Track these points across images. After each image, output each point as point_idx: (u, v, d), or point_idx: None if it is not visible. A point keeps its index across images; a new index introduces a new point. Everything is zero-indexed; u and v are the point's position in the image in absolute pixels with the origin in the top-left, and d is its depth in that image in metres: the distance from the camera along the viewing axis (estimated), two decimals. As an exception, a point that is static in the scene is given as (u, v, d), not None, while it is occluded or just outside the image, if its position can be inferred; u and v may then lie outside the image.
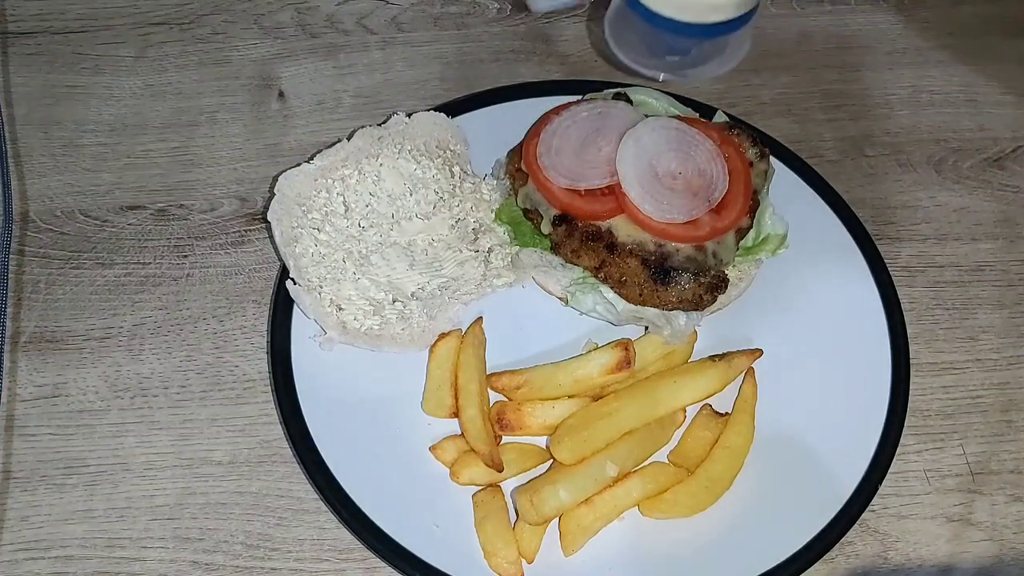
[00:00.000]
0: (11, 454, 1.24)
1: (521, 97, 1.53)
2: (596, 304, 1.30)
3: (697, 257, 1.26)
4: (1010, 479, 1.28)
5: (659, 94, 1.45)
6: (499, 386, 1.26)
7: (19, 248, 1.41)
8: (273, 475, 1.24)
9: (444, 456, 1.22)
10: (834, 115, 1.61)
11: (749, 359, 1.28)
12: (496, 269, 1.36)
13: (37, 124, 1.54)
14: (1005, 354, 1.38)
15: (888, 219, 1.51)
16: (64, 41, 1.64)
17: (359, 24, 1.70)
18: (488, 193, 1.40)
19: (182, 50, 1.65)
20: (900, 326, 1.34)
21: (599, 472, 1.17)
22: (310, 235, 1.30)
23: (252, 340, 1.35)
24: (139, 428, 1.27)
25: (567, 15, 1.72)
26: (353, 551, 1.20)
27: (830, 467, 1.24)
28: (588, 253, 1.29)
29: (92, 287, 1.38)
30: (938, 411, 1.33)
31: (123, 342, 1.34)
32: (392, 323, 1.29)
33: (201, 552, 1.19)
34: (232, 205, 1.47)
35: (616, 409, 1.20)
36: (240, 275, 1.41)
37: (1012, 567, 1.21)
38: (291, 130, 1.56)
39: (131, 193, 1.48)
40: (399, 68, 1.64)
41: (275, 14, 1.70)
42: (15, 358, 1.32)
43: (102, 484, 1.23)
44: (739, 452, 1.22)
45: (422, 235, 1.34)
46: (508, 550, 1.14)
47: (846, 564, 1.21)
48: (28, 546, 1.18)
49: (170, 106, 1.58)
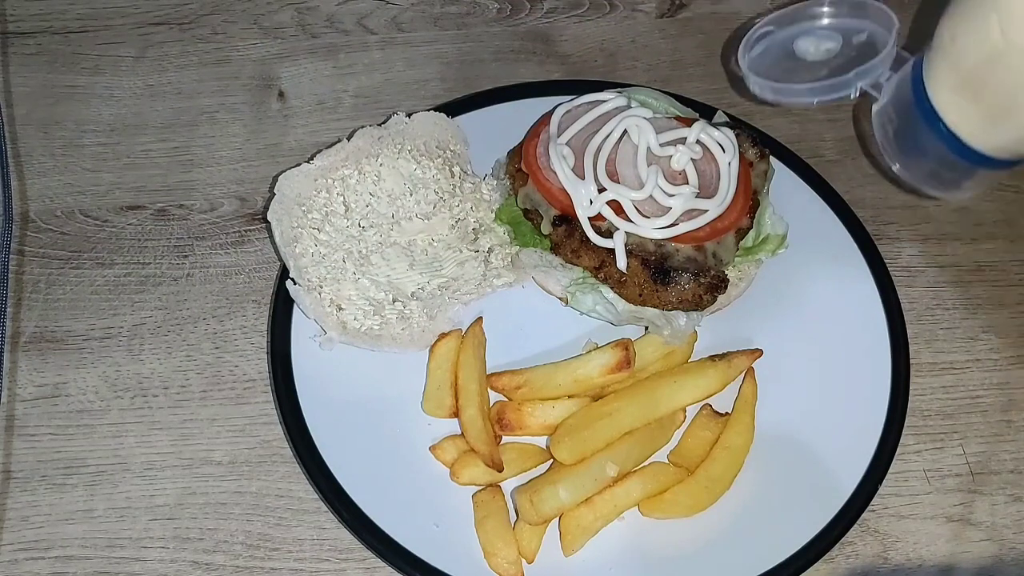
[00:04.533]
0: (11, 454, 1.24)
1: (521, 97, 1.53)
2: (596, 304, 1.30)
3: (697, 257, 1.26)
4: (1010, 479, 1.28)
5: (659, 94, 1.45)
6: (499, 386, 1.26)
7: (19, 248, 1.41)
8: (273, 475, 1.24)
9: (444, 456, 1.22)
10: (834, 115, 1.60)
11: (749, 359, 1.28)
12: (496, 269, 1.36)
13: (37, 124, 1.54)
14: (1005, 354, 1.38)
15: (888, 219, 1.51)
16: (64, 41, 1.64)
17: (359, 24, 1.70)
18: (488, 193, 1.40)
19: (182, 50, 1.65)
20: (900, 326, 1.34)
21: (599, 472, 1.17)
22: (310, 235, 1.30)
23: (252, 340, 1.35)
24: (139, 428, 1.27)
25: (567, 15, 1.73)
26: (353, 551, 1.20)
27: (830, 467, 1.24)
28: (588, 253, 1.29)
29: (92, 287, 1.38)
30: (938, 411, 1.33)
31: (123, 342, 1.34)
32: (392, 323, 1.29)
33: (201, 552, 1.19)
34: (232, 205, 1.47)
35: (616, 409, 1.20)
36: (240, 275, 1.41)
37: (1012, 567, 1.21)
38: (291, 130, 1.56)
39: (131, 193, 1.48)
40: (399, 68, 1.64)
41: (275, 14, 1.70)
42: (15, 358, 1.31)
43: (102, 484, 1.23)
44: (739, 452, 1.22)
45: (422, 235, 1.34)
46: (508, 550, 1.14)
47: (846, 564, 1.21)
48: (28, 546, 1.18)
49: (170, 106, 1.58)
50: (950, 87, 1.03)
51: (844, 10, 1.18)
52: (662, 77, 1.64)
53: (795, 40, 1.18)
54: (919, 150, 1.10)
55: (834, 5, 1.19)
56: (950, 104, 1.03)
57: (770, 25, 1.22)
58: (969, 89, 1.01)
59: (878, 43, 1.14)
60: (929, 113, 1.05)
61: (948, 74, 1.02)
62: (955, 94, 1.03)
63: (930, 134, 1.06)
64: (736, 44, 1.25)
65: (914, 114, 1.07)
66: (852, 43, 1.16)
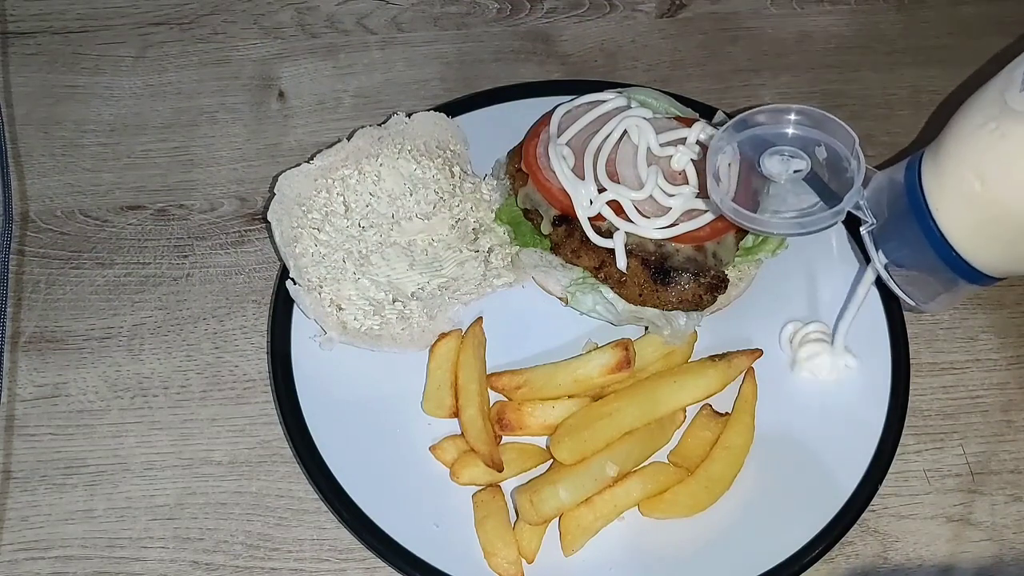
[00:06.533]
0: (11, 454, 1.24)
1: (521, 97, 1.52)
2: (596, 304, 1.30)
3: (697, 257, 1.26)
4: (1010, 479, 1.27)
5: (658, 94, 1.45)
6: (499, 386, 1.26)
7: (19, 248, 1.41)
8: (273, 475, 1.24)
9: (444, 456, 1.22)
10: (834, 115, 1.60)
11: (749, 359, 1.28)
12: (496, 269, 1.36)
13: (37, 124, 1.54)
14: (1005, 354, 1.38)
15: (888, 219, 1.50)
16: (64, 41, 1.64)
17: (359, 24, 1.70)
18: (488, 193, 1.40)
19: (182, 50, 1.65)
20: (900, 326, 1.34)
21: (599, 472, 1.16)
22: (310, 235, 1.30)
23: (252, 340, 1.35)
24: (139, 428, 1.27)
25: (567, 15, 1.73)
26: (353, 551, 1.20)
27: (830, 467, 1.24)
28: (588, 253, 1.29)
29: (92, 287, 1.38)
30: (938, 411, 1.33)
31: (123, 342, 1.34)
32: (392, 323, 1.29)
33: (201, 552, 1.19)
34: (232, 205, 1.47)
35: (616, 409, 1.20)
36: (240, 275, 1.41)
37: (1012, 567, 1.21)
38: (291, 130, 1.56)
39: (131, 193, 1.48)
40: (399, 68, 1.64)
41: (275, 14, 1.70)
42: (15, 358, 1.32)
43: (102, 484, 1.23)
44: (739, 452, 1.22)
45: (422, 235, 1.34)
46: (508, 550, 1.14)
47: (846, 564, 1.21)
48: (28, 546, 1.18)
49: (170, 106, 1.58)
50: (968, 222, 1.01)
51: (807, 121, 1.13)
52: (662, 77, 1.64)
53: (760, 157, 1.12)
54: (911, 259, 1.09)
55: (801, 114, 1.14)
56: (955, 223, 1.02)
57: (736, 132, 1.15)
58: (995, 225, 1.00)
59: (839, 157, 1.12)
60: (931, 231, 1.03)
61: (967, 212, 1.01)
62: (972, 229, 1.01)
63: (926, 246, 1.04)
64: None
65: (910, 227, 1.05)
66: (816, 159, 1.12)
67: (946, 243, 1.03)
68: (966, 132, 0.99)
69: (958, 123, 1.01)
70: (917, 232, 1.04)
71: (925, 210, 1.03)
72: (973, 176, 0.98)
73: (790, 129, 1.14)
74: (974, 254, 1.02)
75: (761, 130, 1.15)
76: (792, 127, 1.14)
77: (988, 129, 0.97)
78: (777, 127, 1.14)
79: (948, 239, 1.02)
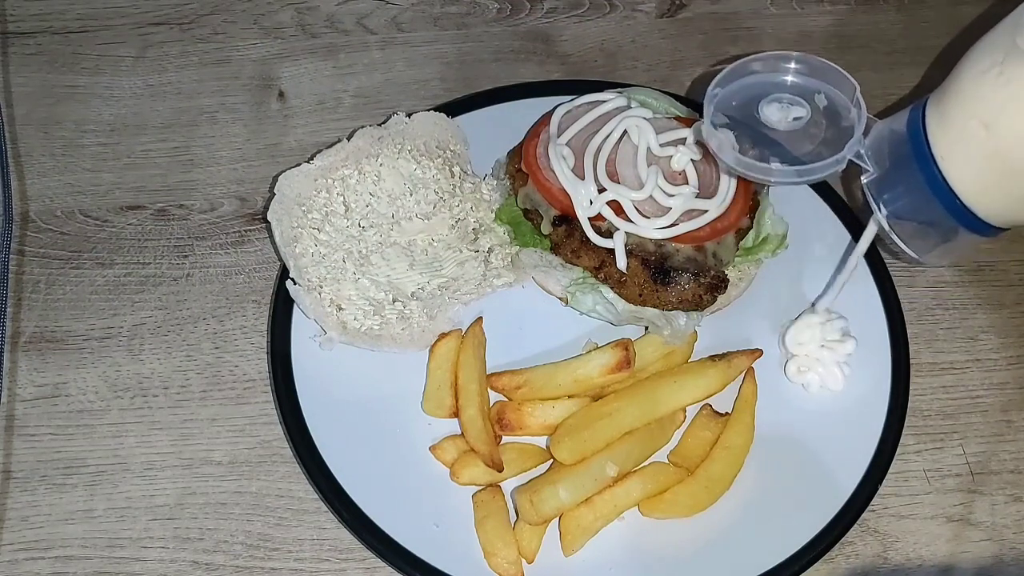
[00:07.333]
0: (11, 454, 1.24)
1: (521, 97, 1.52)
2: (596, 304, 1.30)
3: (697, 257, 1.26)
4: (1010, 479, 1.28)
5: (658, 94, 1.45)
6: (499, 386, 1.26)
7: (19, 248, 1.41)
8: (273, 475, 1.24)
9: (444, 456, 1.22)
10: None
11: (749, 359, 1.28)
12: (496, 269, 1.36)
13: (37, 124, 1.54)
14: (1005, 354, 1.38)
15: (888, 219, 1.51)
16: (64, 41, 1.64)
17: (359, 24, 1.70)
18: (488, 193, 1.40)
19: (182, 50, 1.65)
20: (900, 326, 1.34)
21: (599, 472, 1.16)
22: (310, 235, 1.30)
23: (252, 340, 1.35)
24: (139, 428, 1.27)
25: (567, 15, 1.73)
26: (353, 551, 1.20)
27: (830, 467, 1.24)
28: (588, 253, 1.29)
29: (92, 287, 1.38)
30: (938, 411, 1.33)
31: (123, 342, 1.34)
32: (392, 323, 1.29)
33: (201, 552, 1.19)
34: (232, 205, 1.47)
35: (616, 409, 1.20)
36: (240, 275, 1.41)
37: (1012, 567, 1.21)
38: (291, 130, 1.56)
39: (131, 193, 1.48)
40: (399, 68, 1.64)
41: (275, 14, 1.70)
42: (15, 358, 1.32)
43: (102, 484, 1.23)
44: (739, 452, 1.22)
45: (422, 235, 1.34)
46: (508, 550, 1.14)
47: (846, 564, 1.21)
48: (28, 546, 1.18)
49: (170, 106, 1.58)
50: (973, 169, 1.00)
51: (806, 70, 1.13)
52: (662, 77, 1.64)
53: (759, 105, 1.12)
54: (913, 210, 1.08)
55: (800, 63, 1.13)
56: (959, 170, 1.01)
57: (731, 81, 1.15)
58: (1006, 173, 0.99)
59: (838, 106, 1.11)
60: (934, 179, 1.02)
61: (971, 159, 1.00)
62: (977, 176, 1.00)
63: (929, 195, 1.03)
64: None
65: (913, 176, 1.04)
66: (816, 106, 1.12)
67: (950, 191, 1.01)
68: (970, 77, 0.99)
69: (963, 69, 1.01)
70: (920, 181, 1.03)
71: (929, 157, 1.02)
72: (978, 122, 0.98)
73: (789, 77, 1.13)
74: (978, 202, 1.01)
75: (758, 78, 1.14)
76: (792, 75, 1.13)
77: (993, 74, 0.97)
78: (776, 75, 1.14)
79: (952, 187, 1.01)
